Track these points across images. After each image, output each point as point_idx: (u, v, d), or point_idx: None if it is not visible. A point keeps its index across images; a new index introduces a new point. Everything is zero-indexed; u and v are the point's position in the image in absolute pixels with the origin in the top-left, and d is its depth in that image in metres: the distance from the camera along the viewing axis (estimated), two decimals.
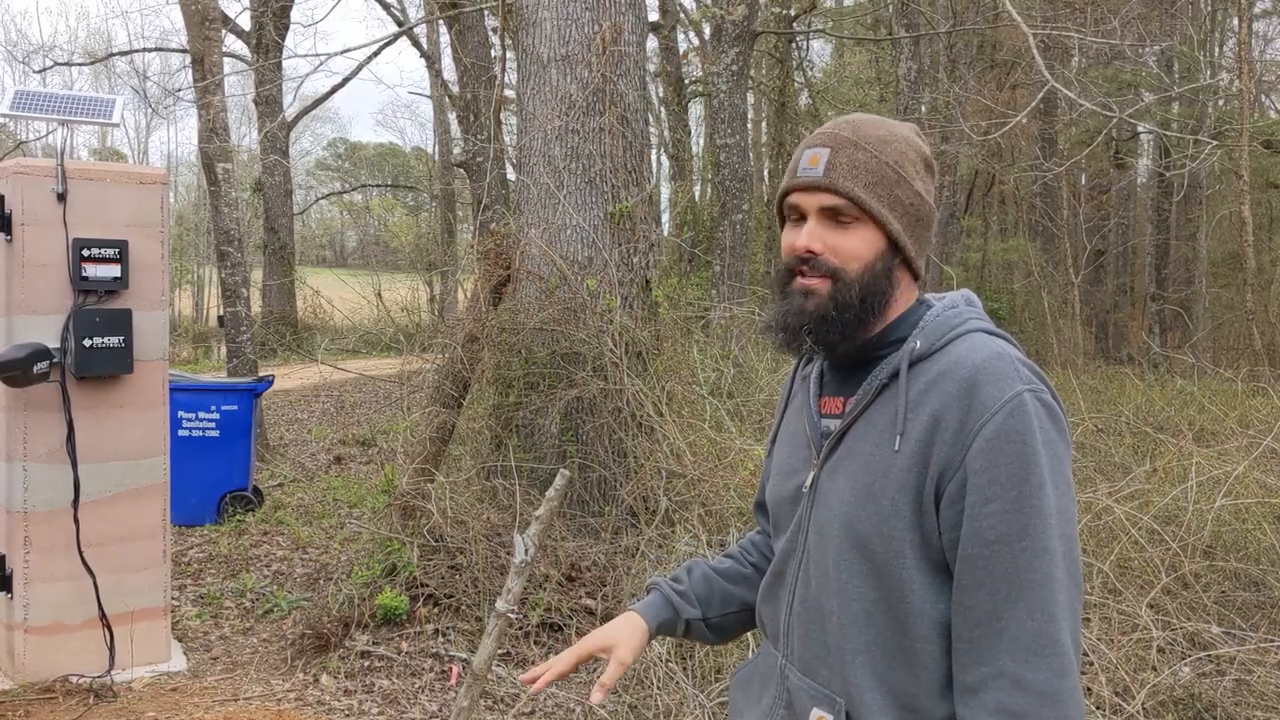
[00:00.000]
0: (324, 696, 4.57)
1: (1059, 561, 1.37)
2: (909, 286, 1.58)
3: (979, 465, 1.38)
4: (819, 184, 1.52)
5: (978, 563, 1.38)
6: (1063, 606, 1.36)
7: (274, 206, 21.84)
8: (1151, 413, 9.27)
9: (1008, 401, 1.38)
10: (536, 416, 5.95)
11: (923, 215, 1.55)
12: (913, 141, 1.57)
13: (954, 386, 1.42)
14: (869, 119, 1.58)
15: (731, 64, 11.88)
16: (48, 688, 4.56)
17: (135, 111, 37.46)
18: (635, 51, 6.36)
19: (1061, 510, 1.38)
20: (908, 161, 1.54)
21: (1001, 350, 1.45)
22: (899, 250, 1.54)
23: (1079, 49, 17.32)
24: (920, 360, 1.49)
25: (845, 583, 1.50)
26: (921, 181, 1.55)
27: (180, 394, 7.45)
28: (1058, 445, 1.40)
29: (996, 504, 1.37)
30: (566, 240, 6.12)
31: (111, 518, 4.78)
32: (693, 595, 1.88)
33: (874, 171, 1.52)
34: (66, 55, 34.11)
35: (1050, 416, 1.41)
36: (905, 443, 1.45)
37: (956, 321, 1.52)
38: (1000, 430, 1.37)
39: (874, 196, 1.51)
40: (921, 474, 1.43)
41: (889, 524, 1.45)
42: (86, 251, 4.61)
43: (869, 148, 1.53)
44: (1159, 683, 4.00)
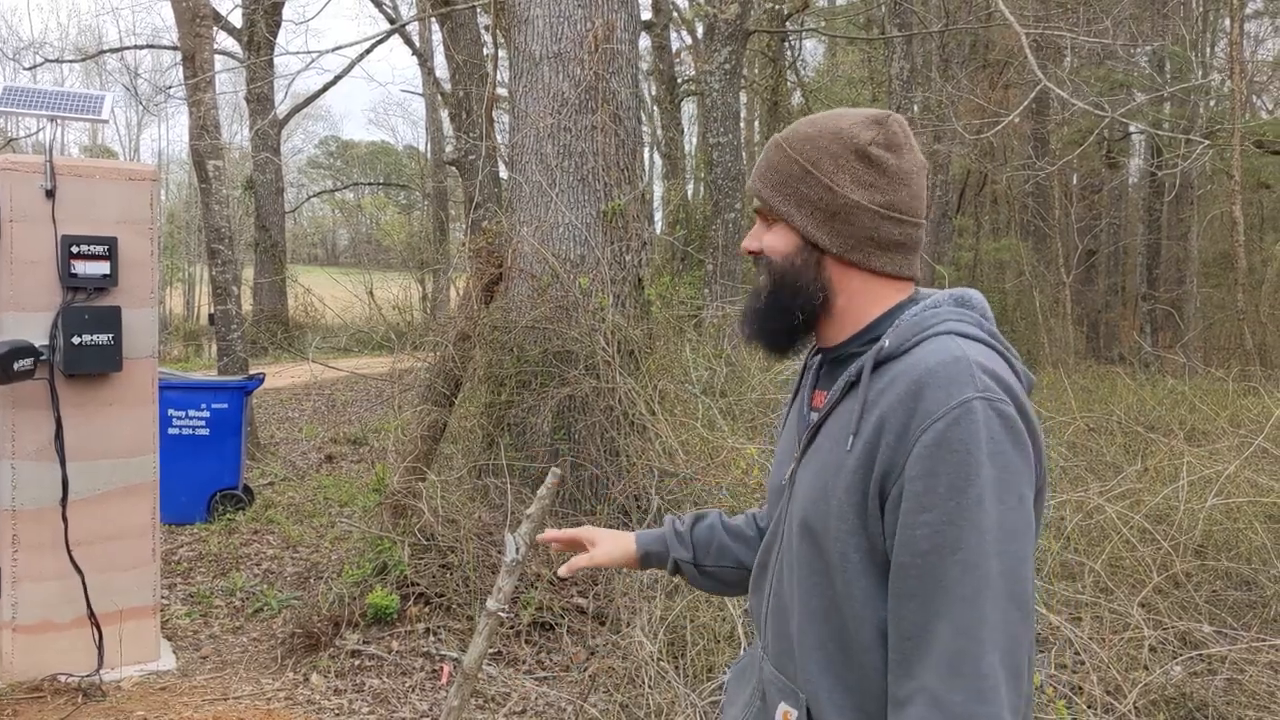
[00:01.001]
0: (314, 696, 4.55)
1: (994, 579, 1.29)
2: (870, 286, 1.54)
3: (916, 472, 1.33)
4: (747, 188, 1.61)
5: (910, 573, 1.34)
6: (992, 627, 1.29)
7: (265, 204, 21.79)
8: (1143, 412, 9.28)
9: (954, 408, 1.33)
10: (528, 415, 5.94)
11: (836, 209, 1.51)
12: (846, 134, 1.52)
13: (902, 389, 1.38)
14: (817, 116, 1.58)
15: (724, 63, 11.87)
16: (36, 687, 4.53)
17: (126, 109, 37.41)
18: (628, 49, 6.35)
19: (1004, 526, 1.31)
20: (826, 156, 1.51)
21: (961, 355, 1.38)
22: (816, 246, 1.53)
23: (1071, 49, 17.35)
24: (887, 360, 1.45)
25: (803, 579, 1.50)
26: (841, 174, 1.51)
27: (170, 392, 7.42)
28: (1009, 457, 1.33)
29: (931, 514, 1.32)
30: (559, 238, 6.10)
31: (100, 516, 4.76)
32: (689, 539, 1.93)
33: (781, 170, 1.54)
34: (57, 52, 33.95)
35: (1005, 426, 1.34)
36: (857, 442, 1.42)
37: (930, 322, 1.47)
38: (942, 437, 1.32)
39: (777, 194, 1.54)
40: (866, 477, 1.39)
41: (836, 524, 1.43)
42: (75, 248, 4.58)
43: (789, 146, 1.55)
44: (1150, 682, 4.00)
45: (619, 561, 1.93)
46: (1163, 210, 20.11)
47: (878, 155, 1.51)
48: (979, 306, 1.54)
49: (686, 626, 4.34)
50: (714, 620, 4.35)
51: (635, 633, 4.31)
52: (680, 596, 4.43)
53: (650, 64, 20.07)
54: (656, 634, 4.28)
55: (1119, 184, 22.97)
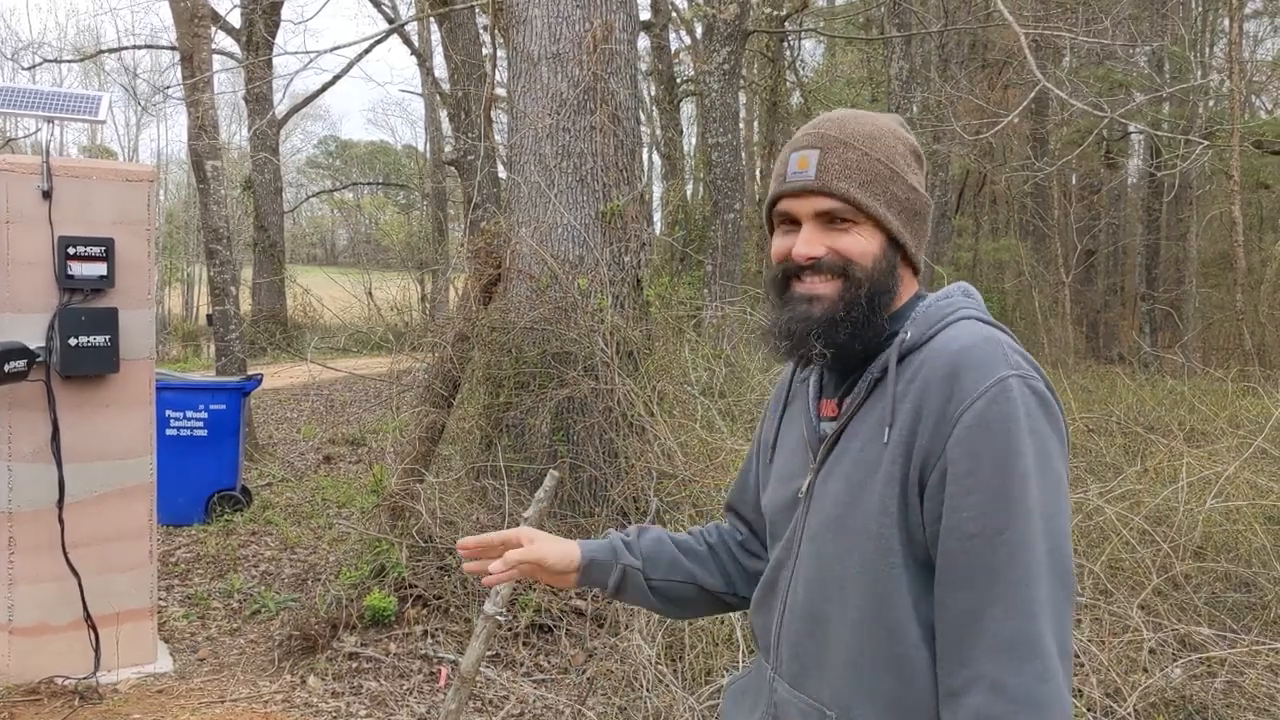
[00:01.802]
0: (311, 698, 4.54)
1: (1042, 559, 1.28)
2: (910, 281, 1.54)
3: (959, 454, 1.31)
4: (811, 187, 1.47)
5: (958, 558, 1.31)
6: (1045, 606, 1.28)
7: (264, 204, 21.78)
8: (1142, 413, 9.26)
9: (991, 386, 1.31)
10: (527, 416, 5.92)
11: (919, 209, 1.52)
12: (900, 134, 1.53)
13: (937, 372, 1.37)
14: (853, 114, 1.54)
15: (723, 63, 11.86)
16: (33, 689, 4.52)
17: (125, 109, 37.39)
18: (626, 49, 6.34)
19: (1047, 505, 1.30)
20: (898, 155, 1.50)
21: (990, 334, 1.39)
22: (900, 247, 1.50)
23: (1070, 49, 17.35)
24: (910, 351, 1.44)
25: (840, 588, 1.44)
26: (914, 174, 1.52)
27: (168, 393, 7.40)
28: (1047, 436, 1.32)
29: (976, 495, 1.30)
30: (557, 239, 6.09)
31: (97, 518, 4.74)
32: (638, 549, 1.80)
33: (866, 170, 1.48)
34: (56, 52, 33.96)
35: (1041, 405, 1.33)
36: (893, 433, 1.39)
37: (948, 310, 1.47)
38: (982, 417, 1.30)
39: (870, 195, 1.47)
40: (905, 464, 1.37)
41: (878, 520, 1.39)
42: (72, 249, 4.56)
43: (859, 145, 1.49)
44: (1150, 684, 3.99)
45: (558, 563, 1.74)
46: (1162, 210, 20.10)
47: (922, 156, 1.54)
48: (980, 301, 1.54)
49: (685, 629, 4.33)
50: (712, 623, 4.34)
51: (633, 635, 4.30)
52: None
53: (649, 64, 20.06)
54: (655, 637, 4.27)
55: (1118, 184, 22.97)
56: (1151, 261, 20.34)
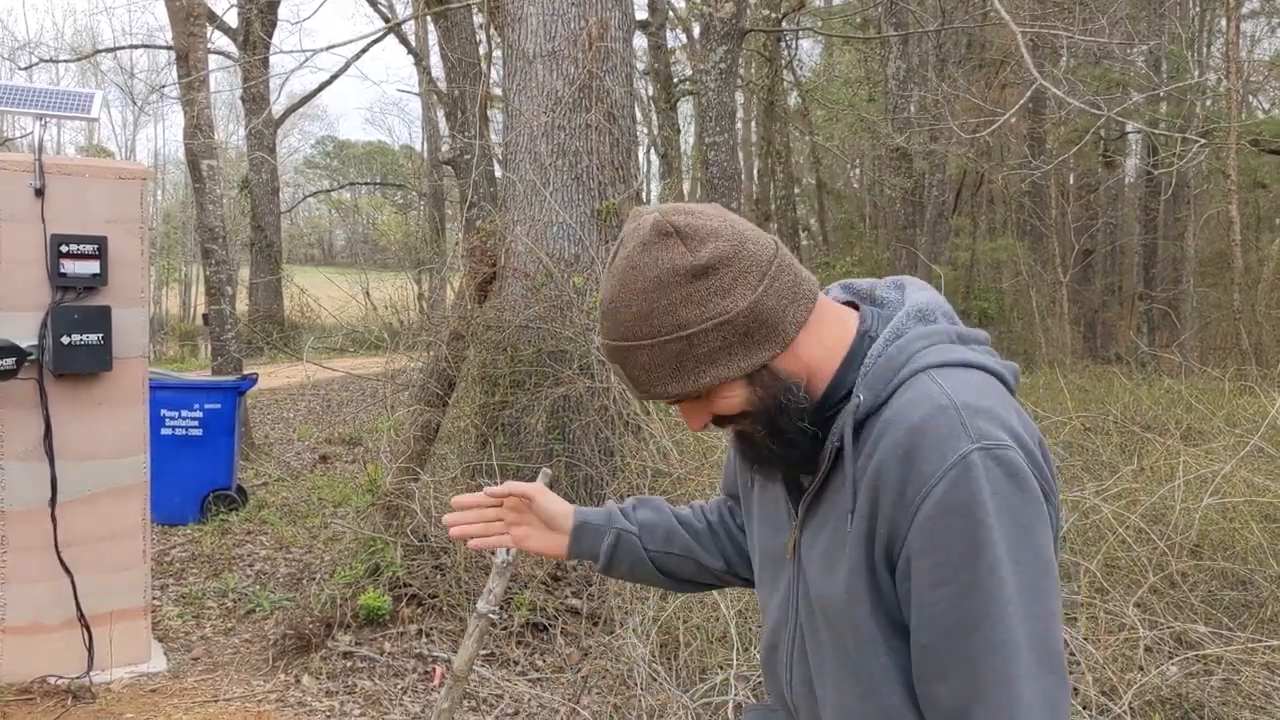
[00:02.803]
0: (305, 697, 4.52)
1: (1023, 653, 1.18)
2: (816, 341, 1.34)
3: (921, 545, 1.21)
4: (655, 397, 1.34)
5: (935, 653, 1.23)
6: (1029, 704, 1.19)
7: (261, 204, 21.77)
8: (1139, 412, 9.25)
9: (950, 468, 1.19)
10: (522, 415, 5.91)
11: (738, 326, 1.27)
12: (660, 276, 1.27)
13: (891, 451, 1.23)
14: (617, 290, 1.30)
15: (720, 62, 11.85)
16: (25, 689, 4.50)
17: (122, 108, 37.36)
18: (622, 48, 6.33)
19: (1025, 589, 1.19)
20: (678, 310, 1.27)
21: (947, 402, 1.23)
22: (762, 367, 1.30)
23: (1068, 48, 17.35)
24: (868, 416, 1.29)
25: (832, 670, 1.38)
26: (699, 306, 1.26)
27: (163, 392, 7.39)
28: (1018, 509, 1.20)
29: (945, 589, 1.20)
30: (553, 237, 6.08)
31: (90, 517, 4.73)
32: (634, 517, 1.74)
33: (664, 364, 1.29)
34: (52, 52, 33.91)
35: (1009, 476, 1.20)
36: (855, 520, 1.28)
37: (901, 361, 1.30)
38: (942, 504, 1.19)
39: (687, 379, 1.30)
40: (869, 549, 1.27)
41: (853, 610, 1.31)
42: (65, 247, 4.55)
43: (641, 339, 1.29)
44: (1146, 682, 3.98)
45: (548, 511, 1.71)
46: (1159, 210, 20.11)
47: (700, 265, 1.27)
48: (938, 308, 1.37)
49: (679, 628, 4.32)
50: (707, 621, 4.33)
51: (628, 634, 4.29)
52: (673, 598, 4.41)
53: (646, 63, 20.05)
54: (649, 635, 4.26)
55: (1115, 184, 22.98)
56: (1149, 261, 20.36)
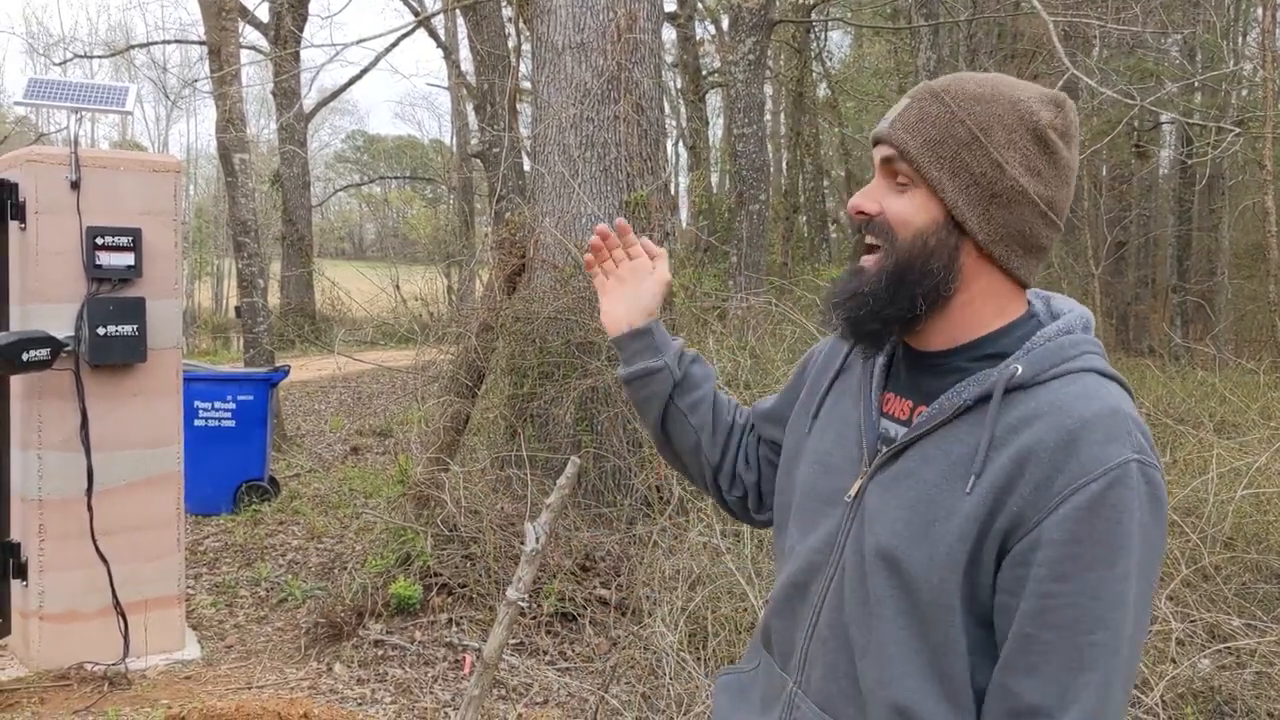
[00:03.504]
0: (337, 685, 4.57)
1: (1123, 665, 1.17)
2: (999, 289, 1.33)
3: (1060, 535, 1.17)
4: (881, 134, 1.34)
5: (1034, 647, 1.18)
6: (1114, 714, 1.18)
7: (292, 198, 21.91)
8: (1172, 404, 9.18)
9: (1112, 469, 1.16)
10: (551, 406, 5.93)
11: (1000, 191, 1.27)
12: (1027, 107, 1.29)
13: (1051, 435, 1.19)
14: (987, 76, 1.34)
15: (749, 53, 11.81)
16: (63, 675, 4.57)
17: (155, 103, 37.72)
18: (650, 39, 6.33)
19: (1140, 606, 1.18)
20: (999, 125, 1.28)
21: (1118, 406, 1.21)
22: (960, 227, 1.29)
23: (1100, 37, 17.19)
24: (1017, 389, 1.25)
25: (887, 622, 1.29)
26: (1015, 152, 1.27)
27: (196, 384, 7.47)
28: (1154, 532, 1.18)
29: (1072, 584, 1.16)
30: (581, 229, 6.09)
31: (126, 506, 4.79)
32: (687, 368, 1.75)
33: (942, 128, 1.29)
34: (86, 48, 34.27)
35: (1152, 498, 1.18)
36: (980, 485, 1.22)
37: (1072, 353, 1.27)
38: (1095, 501, 1.16)
39: (930, 154, 1.29)
40: (988, 523, 1.22)
41: (941, 573, 1.24)
42: (100, 239, 4.61)
43: (951, 102, 1.30)
44: (1178, 675, 3.95)
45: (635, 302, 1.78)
46: (1194, 201, 19.89)
47: (1054, 141, 1.29)
48: (1094, 328, 1.36)
49: (708, 617, 4.32)
50: (735, 612, 4.33)
51: (657, 624, 4.30)
52: (701, 587, 4.42)
53: (675, 56, 20.03)
54: (678, 625, 4.27)
55: (1149, 175, 22.74)
56: (1183, 253, 20.14)
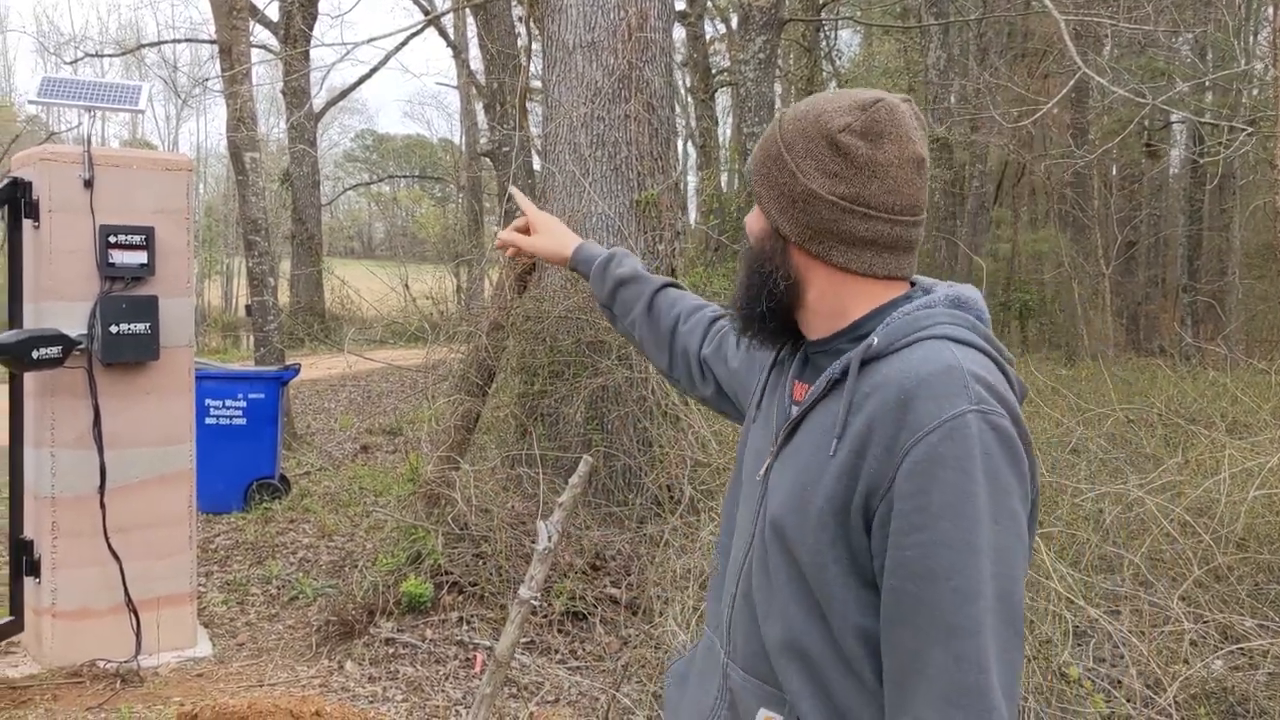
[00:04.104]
0: (348, 683, 4.58)
1: (990, 605, 1.23)
2: (843, 280, 1.46)
3: (907, 489, 1.25)
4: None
5: (903, 598, 1.26)
6: (992, 656, 1.23)
7: (302, 197, 21.94)
8: (1183, 404, 9.15)
9: (946, 421, 1.25)
10: (561, 405, 5.93)
11: (796, 196, 1.43)
12: (827, 118, 1.43)
13: (892, 395, 1.30)
14: (820, 95, 1.49)
15: (759, 52, 11.80)
16: (75, 672, 4.59)
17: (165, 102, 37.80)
18: (661, 38, 6.32)
19: (999, 547, 1.24)
20: (801, 138, 1.44)
21: (955, 363, 1.30)
22: (779, 232, 1.47)
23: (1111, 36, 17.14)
24: (875, 359, 1.37)
25: (781, 585, 1.41)
26: (811, 160, 1.43)
27: (207, 382, 7.48)
28: (1005, 475, 1.26)
29: (924, 535, 1.24)
30: (592, 228, 6.09)
31: (138, 504, 4.80)
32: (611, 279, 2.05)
33: (764, 149, 1.49)
34: (97, 47, 34.36)
35: (1001, 442, 1.26)
36: (841, 448, 1.33)
37: (925, 323, 1.38)
38: (933, 453, 1.24)
39: (756, 173, 1.49)
40: (851, 488, 1.32)
41: (815, 534, 1.34)
42: (113, 238, 4.62)
43: (777, 126, 1.49)
44: (1191, 675, 3.94)
45: (541, 253, 2.15)
46: (1204, 201, 19.84)
47: (846, 143, 1.41)
48: (975, 308, 1.45)
49: None
50: None
51: (668, 623, 4.30)
52: None
53: (684, 54, 20.02)
54: (689, 624, 4.27)
55: (1159, 174, 22.67)
56: (1193, 252, 20.08)
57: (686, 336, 1.94)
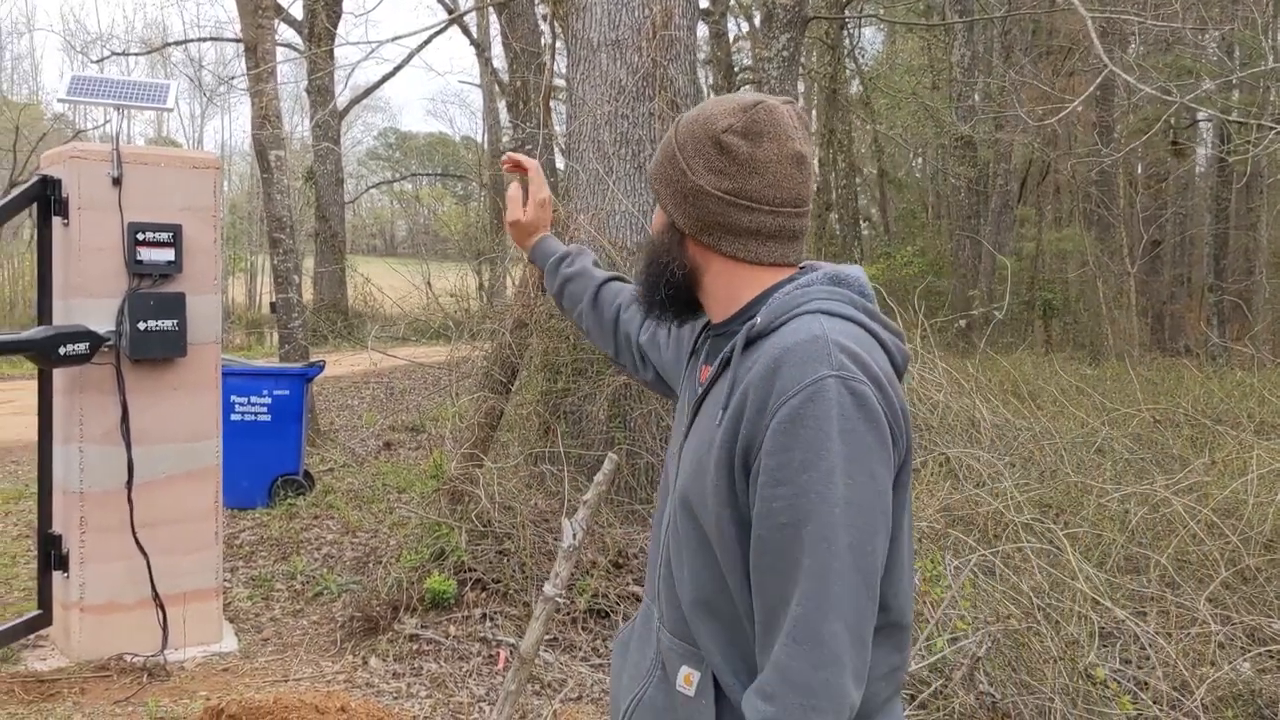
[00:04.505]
0: (373, 679, 4.60)
1: (842, 552, 1.34)
2: (736, 268, 1.59)
3: (771, 447, 1.38)
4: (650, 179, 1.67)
5: (766, 546, 1.39)
6: (836, 598, 1.34)
7: (325, 195, 22.04)
8: (1210, 405, 9.08)
9: (807, 385, 1.37)
10: (584, 403, 5.94)
11: (686, 192, 1.57)
12: (713, 120, 1.57)
13: (764, 366, 1.43)
14: (714, 99, 1.63)
15: (782, 50, 11.77)
16: (102, 666, 4.62)
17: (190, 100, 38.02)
18: (686, 36, 6.32)
19: (853, 501, 1.36)
20: (691, 139, 1.58)
21: (820, 334, 1.43)
22: (674, 225, 1.61)
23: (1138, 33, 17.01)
24: (758, 337, 1.50)
25: (690, 552, 1.54)
26: (699, 159, 1.56)
27: (233, 379, 7.52)
28: (861, 434, 1.37)
29: (784, 489, 1.36)
30: (615, 226, 6.09)
31: (165, 499, 4.83)
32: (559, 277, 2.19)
33: (662, 151, 1.63)
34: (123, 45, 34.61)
35: (857, 404, 1.38)
36: (725, 417, 1.47)
37: (800, 300, 1.51)
38: (794, 414, 1.37)
39: (655, 174, 1.63)
40: (731, 450, 1.44)
41: (712, 499, 1.47)
42: (141, 235, 4.65)
43: (674, 129, 1.62)
44: (1219, 678, 3.91)
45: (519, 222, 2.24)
46: (1231, 199, 19.65)
47: (729, 142, 1.54)
48: (855, 284, 1.56)
49: None
50: None
51: None
52: None
53: (708, 52, 20.00)
54: None
55: (1185, 173, 22.49)
56: (1220, 251, 19.89)
57: (627, 324, 2.06)
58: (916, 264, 18.05)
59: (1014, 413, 7.41)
